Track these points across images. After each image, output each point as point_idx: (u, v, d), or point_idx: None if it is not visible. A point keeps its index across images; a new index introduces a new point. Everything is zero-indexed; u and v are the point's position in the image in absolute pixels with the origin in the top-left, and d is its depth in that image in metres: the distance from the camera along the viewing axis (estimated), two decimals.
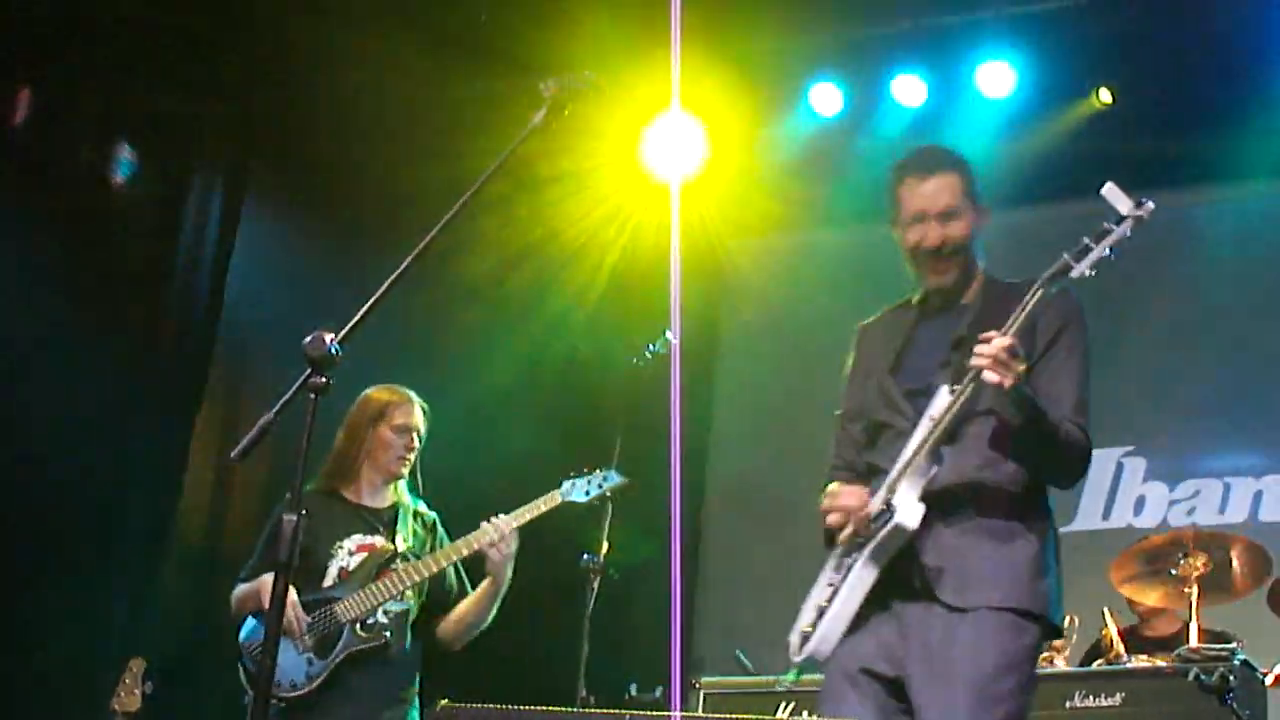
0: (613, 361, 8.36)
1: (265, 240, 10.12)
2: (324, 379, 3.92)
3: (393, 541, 6.43)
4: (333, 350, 3.90)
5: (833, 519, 4.67)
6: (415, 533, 6.53)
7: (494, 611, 6.51)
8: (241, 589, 6.43)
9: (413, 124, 10.19)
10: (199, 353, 9.75)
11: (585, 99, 4.33)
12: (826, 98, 10.24)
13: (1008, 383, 4.37)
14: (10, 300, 8.56)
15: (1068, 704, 6.66)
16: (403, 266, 4.07)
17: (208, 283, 9.88)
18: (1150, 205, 4.36)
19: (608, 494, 6.58)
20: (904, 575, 4.55)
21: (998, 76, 9.79)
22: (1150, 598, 7.73)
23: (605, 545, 7.60)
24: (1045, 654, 7.06)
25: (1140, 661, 6.97)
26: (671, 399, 7.92)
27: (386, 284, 4.05)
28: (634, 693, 7.92)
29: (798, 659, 4.70)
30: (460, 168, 9.43)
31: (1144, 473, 9.90)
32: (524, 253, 10.61)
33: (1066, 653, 7.20)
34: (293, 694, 6.16)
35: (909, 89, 10.04)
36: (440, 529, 6.67)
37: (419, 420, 6.65)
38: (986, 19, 9.68)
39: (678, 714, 7.22)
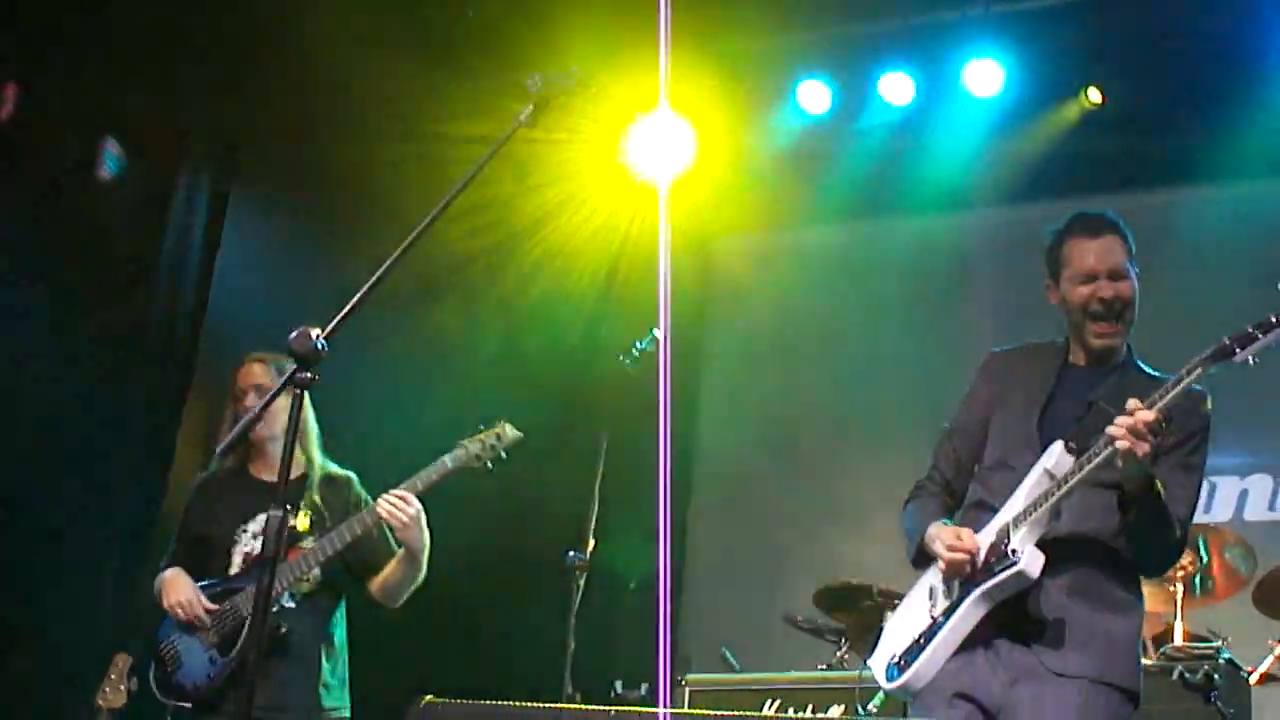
0: (600, 359, 8.36)
1: (251, 236, 10.12)
2: (309, 375, 3.91)
3: (296, 517, 6.28)
4: (318, 346, 3.89)
5: (955, 559, 4.66)
6: (319, 502, 6.34)
7: (423, 569, 6.38)
8: (156, 580, 6.40)
9: (399, 121, 10.18)
10: (185, 349, 9.74)
11: (571, 95, 4.31)
12: (814, 95, 10.23)
13: (1140, 451, 4.37)
14: None
15: None
16: (388, 263, 4.06)
17: (194, 279, 9.88)
18: None
19: (502, 453, 6.39)
20: (1007, 617, 4.61)
21: (986, 75, 9.79)
22: None
23: (591, 543, 7.60)
24: None
25: None
26: (660, 397, 7.91)
27: (372, 280, 4.04)
28: (619, 690, 7.91)
29: (889, 687, 4.75)
30: (446, 164, 9.48)
31: None
32: (510, 250, 10.62)
33: None
34: (195, 696, 6.14)
35: (897, 87, 10.04)
36: (356, 488, 6.48)
37: (255, 376, 6.46)
38: (974, 17, 9.69)
39: (665, 711, 7.22)
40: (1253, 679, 6.86)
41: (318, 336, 3.90)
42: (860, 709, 7.04)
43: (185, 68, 9.49)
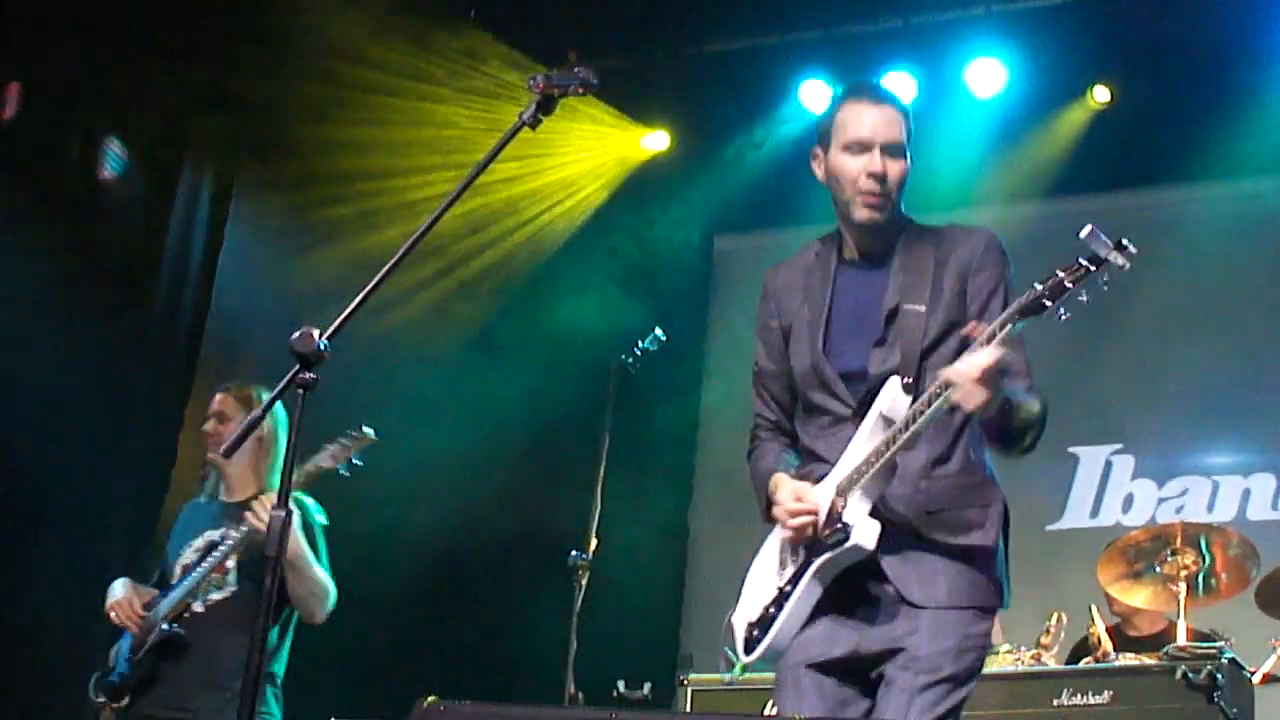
0: (603, 358, 8.35)
1: (253, 236, 10.12)
2: (312, 375, 3.90)
3: (223, 530, 6.42)
4: (321, 346, 3.88)
5: (798, 524, 4.36)
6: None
7: (315, 578, 6.40)
8: None
9: (402, 120, 10.18)
10: (187, 348, 9.75)
11: (575, 94, 4.29)
12: (817, 95, 10.23)
13: (987, 406, 4.07)
14: None
15: (1055, 702, 6.65)
16: (391, 263, 4.05)
17: (196, 278, 9.89)
18: (1133, 250, 3.95)
19: (355, 454, 6.26)
20: (861, 577, 4.36)
21: (988, 74, 9.80)
22: (1138, 598, 7.72)
23: (594, 542, 7.61)
24: (1033, 652, 7.06)
25: (1128, 659, 6.96)
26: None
27: (375, 280, 4.02)
28: (622, 689, 7.91)
29: (746, 660, 4.50)
30: (450, 164, 9.50)
31: (1132, 470, 9.90)
32: (513, 250, 10.63)
33: (1054, 650, 7.20)
34: (114, 696, 6.37)
35: (899, 86, 10.04)
36: (307, 513, 6.50)
37: (216, 404, 6.67)
38: (978, 16, 9.70)
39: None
40: (1256, 679, 6.85)
41: (320, 337, 3.89)
42: None
43: (188, 68, 9.50)
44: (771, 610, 4.44)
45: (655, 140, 10.95)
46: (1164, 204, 10.04)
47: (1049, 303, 3.98)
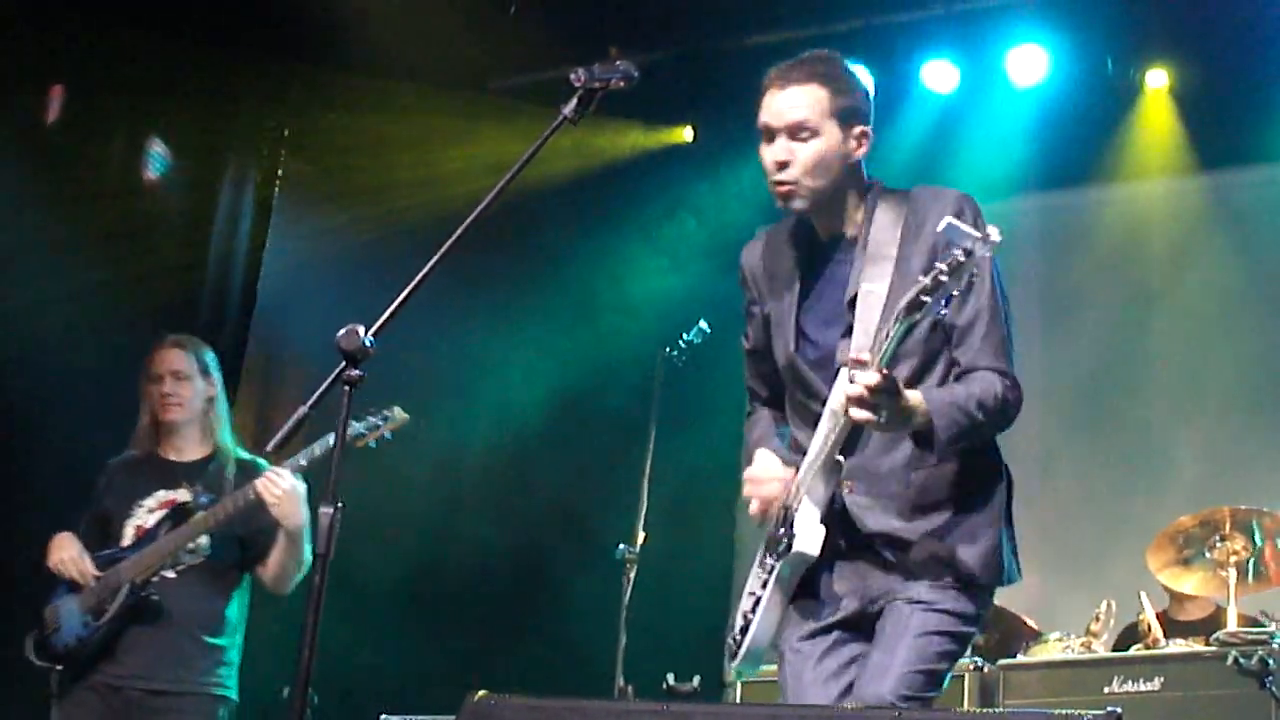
0: (647, 351, 8.36)
1: (299, 233, 10.15)
2: (358, 372, 3.91)
3: (191, 493, 6.29)
4: (366, 343, 3.88)
5: (752, 510, 4.40)
6: (221, 482, 6.33)
7: (304, 551, 6.20)
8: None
9: (446, 115, 10.20)
10: (233, 347, 9.77)
11: (619, 88, 4.28)
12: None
13: (880, 425, 3.97)
14: (45, 297, 8.59)
15: (1106, 689, 6.64)
16: (436, 258, 4.05)
17: (241, 276, 9.93)
18: (996, 235, 3.74)
19: (387, 433, 6.15)
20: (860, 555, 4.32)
21: (1030, 60, 9.75)
22: (1187, 584, 7.69)
23: (642, 535, 7.62)
24: (1083, 640, 7.05)
25: (1178, 645, 6.94)
26: None
27: (420, 276, 4.03)
28: (672, 682, 7.91)
29: (732, 665, 4.50)
30: (495, 159, 9.50)
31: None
32: (555, 246, 10.64)
33: (1104, 638, 7.18)
34: (66, 659, 6.11)
35: (940, 75, 10.01)
36: (264, 468, 6.32)
37: (172, 361, 6.47)
38: (1018, 2, 9.67)
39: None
40: None
41: (365, 334, 3.90)
42: None
43: (232, 66, 9.53)
44: (749, 615, 4.42)
45: (686, 134, 11.02)
46: (1220, 186, 9.96)
47: (927, 298, 3.79)
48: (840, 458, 4.17)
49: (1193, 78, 9.74)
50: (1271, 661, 6.28)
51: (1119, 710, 3.52)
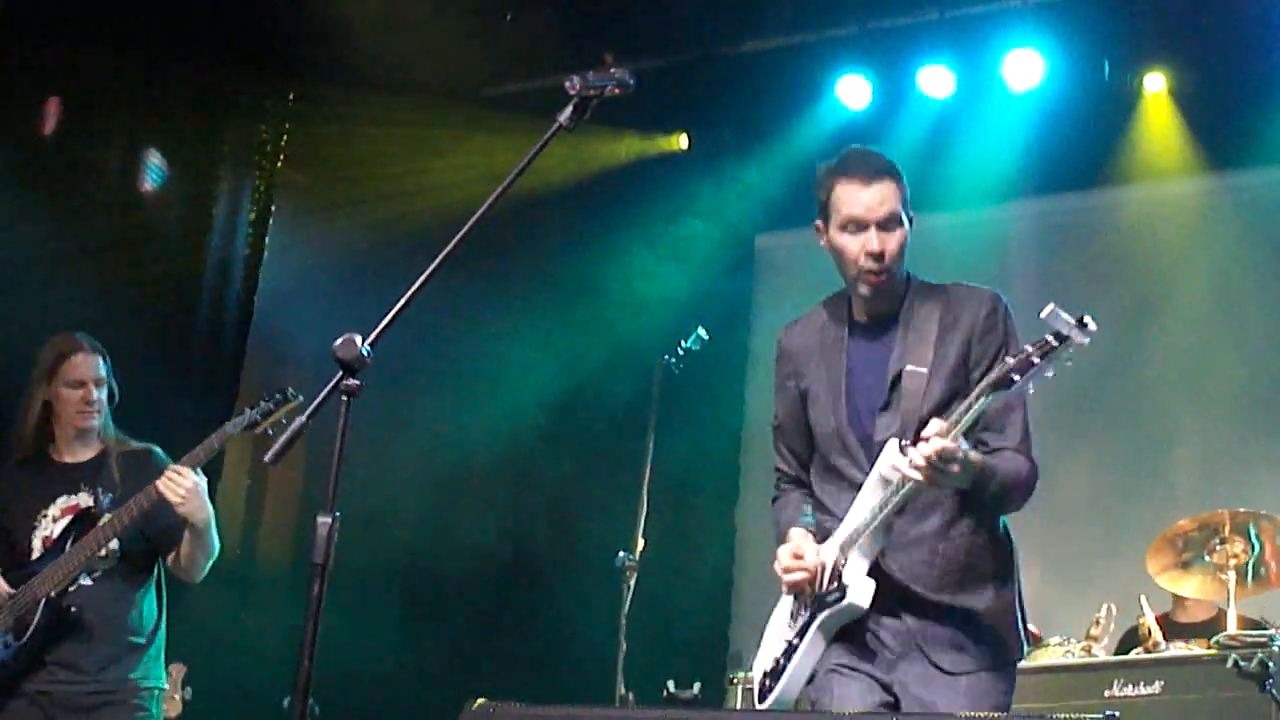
0: (645, 358, 8.36)
1: (296, 243, 10.16)
2: (356, 381, 3.91)
3: (93, 496, 6.24)
4: (364, 353, 3.89)
5: (794, 580, 4.66)
6: (117, 480, 6.27)
7: (213, 542, 6.22)
8: None
9: (442, 125, 10.21)
10: (231, 357, 9.78)
11: (613, 95, 4.29)
12: (855, 91, 10.21)
13: (950, 476, 4.28)
14: (43, 306, 8.59)
15: (1106, 693, 6.64)
16: (432, 267, 4.05)
17: (239, 286, 9.93)
18: (1093, 327, 4.02)
19: (283, 418, 6.10)
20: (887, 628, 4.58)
21: (1026, 65, 9.75)
22: (1187, 587, 7.69)
23: (641, 543, 7.62)
24: (1083, 644, 7.06)
25: (1178, 648, 6.94)
26: None
27: (416, 285, 4.03)
28: (672, 689, 7.92)
29: (761, 707, 4.79)
30: (491, 167, 9.51)
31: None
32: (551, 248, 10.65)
33: (1104, 642, 7.18)
34: None
35: (936, 80, 10.02)
36: (157, 458, 6.37)
37: (94, 369, 6.40)
38: (1014, 7, 9.67)
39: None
40: None
41: (363, 343, 3.90)
42: None
43: (229, 75, 9.54)
44: (781, 661, 4.72)
45: (684, 141, 11.02)
46: (1218, 189, 9.97)
47: (1017, 377, 4.12)
48: (895, 518, 4.49)
49: (1190, 81, 9.75)
50: (1271, 664, 6.28)
51: (1117, 715, 3.55)
